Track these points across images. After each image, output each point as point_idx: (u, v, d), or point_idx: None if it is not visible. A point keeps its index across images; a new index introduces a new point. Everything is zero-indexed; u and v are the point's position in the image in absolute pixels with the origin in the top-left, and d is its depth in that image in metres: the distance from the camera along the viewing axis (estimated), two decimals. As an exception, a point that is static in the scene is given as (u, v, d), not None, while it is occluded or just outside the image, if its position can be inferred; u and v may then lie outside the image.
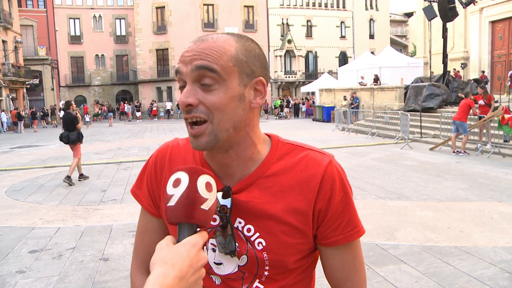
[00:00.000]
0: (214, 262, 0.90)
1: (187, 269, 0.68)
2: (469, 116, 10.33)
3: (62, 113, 30.32)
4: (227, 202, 0.86)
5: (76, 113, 8.35)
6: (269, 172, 0.88)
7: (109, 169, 9.92)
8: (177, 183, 0.74)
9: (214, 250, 0.89)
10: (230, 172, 0.89)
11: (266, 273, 0.88)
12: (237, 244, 0.87)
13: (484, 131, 10.72)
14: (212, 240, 0.89)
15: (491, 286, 3.31)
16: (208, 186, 0.75)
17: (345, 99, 21.25)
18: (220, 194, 0.87)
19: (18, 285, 3.64)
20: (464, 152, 10.10)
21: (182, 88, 0.84)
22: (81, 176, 8.58)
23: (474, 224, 4.86)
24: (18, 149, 15.60)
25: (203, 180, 0.75)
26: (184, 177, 0.75)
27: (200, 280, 0.71)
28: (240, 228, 0.88)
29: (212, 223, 0.89)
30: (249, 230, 0.87)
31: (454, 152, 10.22)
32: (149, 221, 0.99)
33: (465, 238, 4.43)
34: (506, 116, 9.39)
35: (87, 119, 28.23)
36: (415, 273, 3.60)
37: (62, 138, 8.21)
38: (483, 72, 20.71)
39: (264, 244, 0.86)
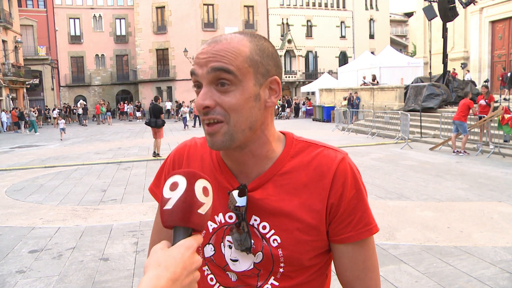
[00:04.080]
0: (230, 259, 0.91)
1: (181, 271, 0.67)
2: (469, 116, 10.33)
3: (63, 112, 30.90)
4: (243, 200, 0.87)
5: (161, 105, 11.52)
6: (284, 169, 0.89)
7: (109, 169, 9.92)
8: (174, 186, 0.74)
9: (230, 247, 0.91)
10: (246, 170, 0.91)
11: (281, 270, 0.88)
12: (252, 241, 0.88)
13: (485, 131, 10.71)
14: (229, 237, 0.90)
15: (491, 286, 3.31)
16: (205, 190, 0.75)
17: (344, 99, 21.29)
18: (236, 192, 0.88)
19: (18, 285, 3.64)
20: (464, 152, 10.10)
21: (198, 89, 0.85)
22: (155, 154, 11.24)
23: (474, 224, 4.86)
24: (18, 149, 15.60)
25: (200, 184, 0.75)
26: (181, 180, 0.75)
27: (194, 283, 0.71)
28: (256, 226, 0.89)
29: (228, 220, 0.91)
30: (264, 227, 0.88)
31: (454, 152, 10.22)
32: None
33: (465, 238, 4.43)
34: (506, 116, 9.39)
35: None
36: (415, 273, 3.60)
37: (150, 123, 10.93)
38: (504, 69, 20.40)
39: (279, 241, 0.87)
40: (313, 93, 32.09)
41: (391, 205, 5.78)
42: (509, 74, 17.06)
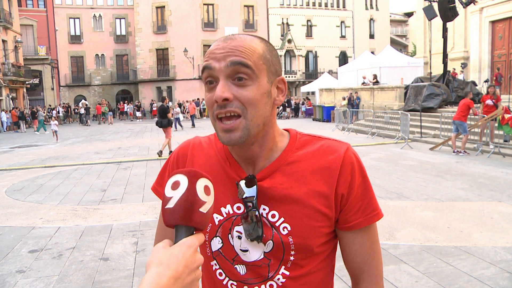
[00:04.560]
0: (240, 249, 0.92)
1: (183, 269, 0.68)
2: (469, 116, 10.33)
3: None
4: (252, 190, 0.89)
5: (168, 105, 12.03)
6: (290, 159, 0.92)
7: (109, 169, 9.92)
8: (175, 185, 0.75)
9: (239, 238, 0.92)
10: (252, 162, 0.93)
11: (291, 258, 0.90)
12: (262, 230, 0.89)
13: (486, 131, 10.71)
14: (238, 228, 0.92)
15: (491, 286, 3.31)
16: (206, 189, 0.76)
17: (344, 99, 21.30)
18: (243, 182, 0.90)
19: (18, 284, 3.64)
20: (464, 152, 10.10)
21: (210, 84, 0.87)
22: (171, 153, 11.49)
23: (474, 224, 4.86)
24: (18, 149, 15.60)
25: (202, 183, 0.75)
26: (183, 180, 0.75)
27: (196, 282, 0.71)
28: (265, 215, 0.90)
29: (236, 211, 0.92)
30: (273, 216, 0.90)
31: (454, 152, 10.22)
32: None
33: (465, 238, 4.43)
34: (506, 116, 9.39)
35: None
36: (415, 273, 3.60)
37: (157, 123, 11.62)
38: (498, 69, 20.63)
39: (289, 228, 0.89)
40: (313, 93, 32.07)
41: (391, 205, 5.78)
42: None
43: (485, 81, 19.60)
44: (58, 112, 30.83)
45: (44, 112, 26.42)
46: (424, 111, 14.41)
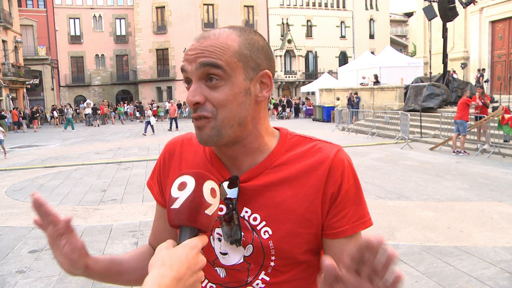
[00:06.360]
0: (220, 252, 0.90)
1: (185, 270, 0.68)
2: (469, 116, 10.33)
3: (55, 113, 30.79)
4: (234, 191, 0.86)
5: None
6: (277, 162, 0.88)
7: (109, 169, 9.92)
8: (182, 186, 0.75)
9: (219, 240, 0.89)
10: (238, 163, 0.90)
11: (272, 263, 0.86)
12: (242, 233, 0.86)
13: (481, 131, 10.70)
14: (218, 230, 0.89)
15: (491, 286, 3.31)
16: (212, 192, 0.76)
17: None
18: (226, 183, 0.87)
19: (18, 285, 3.64)
20: (464, 152, 10.10)
21: (187, 85, 0.85)
22: None
23: (474, 224, 4.86)
24: (18, 149, 15.60)
25: (208, 185, 0.75)
26: (190, 181, 0.75)
27: (198, 283, 0.71)
28: (247, 218, 0.87)
29: (219, 213, 0.89)
30: (255, 219, 0.87)
31: (454, 152, 10.22)
32: (159, 209, 1.03)
33: (465, 238, 4.43)
34: (506, 116, 9.39)
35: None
36: (415, 273, 3.60)
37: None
38: (483, 69, 20.77)
39: (270, 232, 0.85)
40: (313, 93, 32.07)
41: (391, 205, 5.78)
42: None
43: (485, 81, 19.60)
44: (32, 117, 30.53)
45: (72, 111, 26.53)
46: (424, 111, 14.41)
